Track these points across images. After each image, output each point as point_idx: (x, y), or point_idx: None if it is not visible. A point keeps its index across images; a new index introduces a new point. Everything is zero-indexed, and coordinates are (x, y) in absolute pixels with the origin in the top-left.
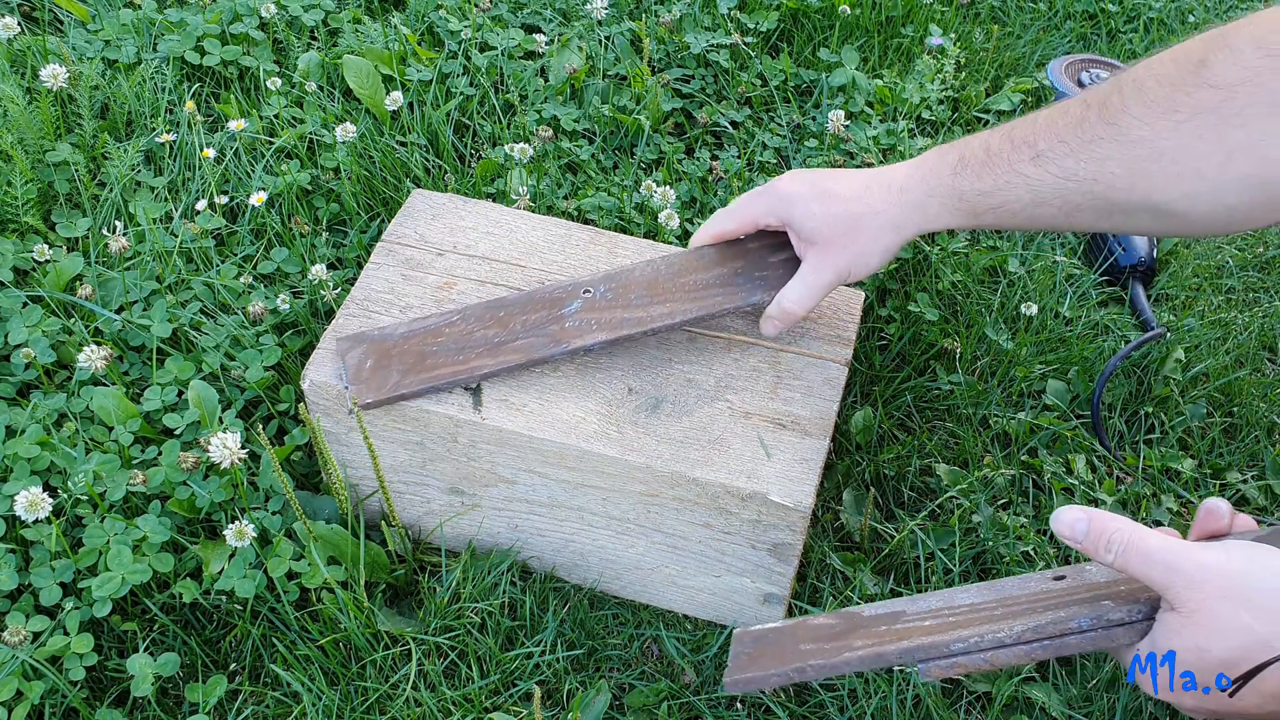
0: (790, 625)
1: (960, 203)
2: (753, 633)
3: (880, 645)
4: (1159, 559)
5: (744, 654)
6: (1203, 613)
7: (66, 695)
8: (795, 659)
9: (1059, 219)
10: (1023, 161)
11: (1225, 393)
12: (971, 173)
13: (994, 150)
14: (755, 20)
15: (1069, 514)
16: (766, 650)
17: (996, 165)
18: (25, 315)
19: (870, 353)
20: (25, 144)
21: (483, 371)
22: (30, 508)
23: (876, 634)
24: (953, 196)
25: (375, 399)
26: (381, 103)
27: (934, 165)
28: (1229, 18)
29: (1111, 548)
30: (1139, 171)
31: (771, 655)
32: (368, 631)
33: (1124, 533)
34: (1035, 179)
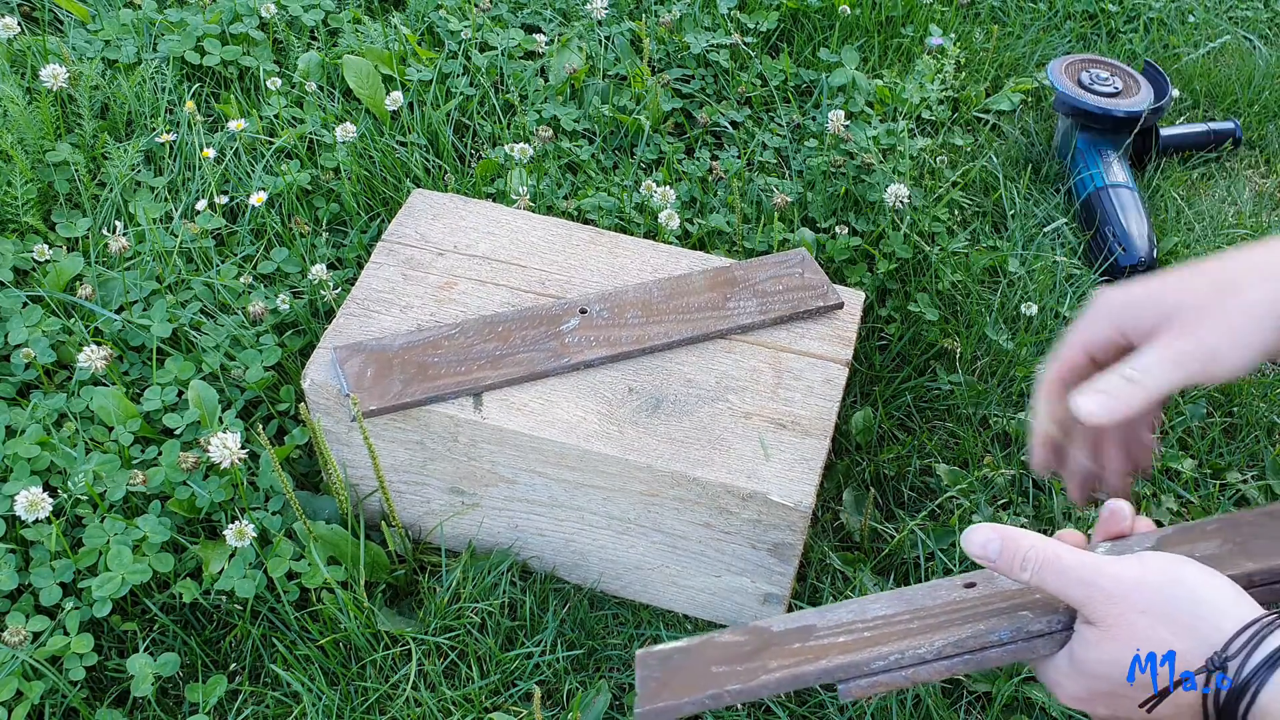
0: (698, 644)
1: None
2: (656, 654)
3: (797, 666)
4: (1075, 575)
5: (652, 679)
6: (1120, 627)
7: (66, 695)
8: (710, 684)
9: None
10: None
11: (1225, 393)
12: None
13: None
14: (755, 20)
15: (979, 534)
16: (676, 674)
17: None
18: (25, 315)
19: (870, 353)
20: (25, 144)
21: (486, 383)
22: (30, 508)
23: (791, 652)
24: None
25: (379, 406)
26: (381, 103)
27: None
28: (1229, 18)
29: (1026, 566)
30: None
31: (683, 680)
32: (368, 631)
33: (1038, 550)
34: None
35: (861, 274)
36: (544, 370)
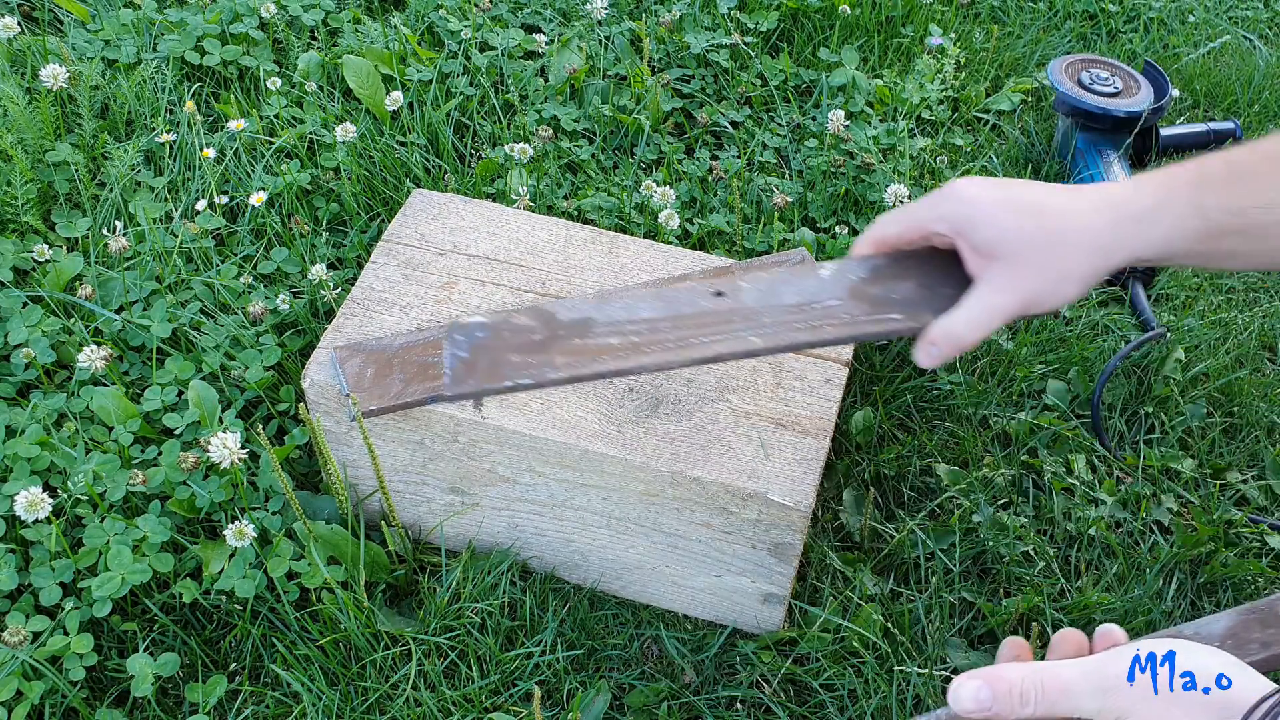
0: (498, 323)
1: (1201, 219)
2: (467, 327)
3: (578, 367)
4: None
5: (459, 358)
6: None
7: (66, 695)
8: (507, 374)
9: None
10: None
11: (1225, 393)
12: (1216, 186)
13: (1239, 163)
14: (755, 20)
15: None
16: (481, 355)
17: (1247, 180)
18: (25, 315)
19: (870, 353)
20: (25, 144)
21: None
22: (30, 508)
23: (573, 349)
24: (1192, 211)
25: (379, 406)
26: (381, 103)
27: (1165, 177)
28: (1229, 18)
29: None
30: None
31: (485, 364)
32: (368, 631)
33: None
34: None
35: None
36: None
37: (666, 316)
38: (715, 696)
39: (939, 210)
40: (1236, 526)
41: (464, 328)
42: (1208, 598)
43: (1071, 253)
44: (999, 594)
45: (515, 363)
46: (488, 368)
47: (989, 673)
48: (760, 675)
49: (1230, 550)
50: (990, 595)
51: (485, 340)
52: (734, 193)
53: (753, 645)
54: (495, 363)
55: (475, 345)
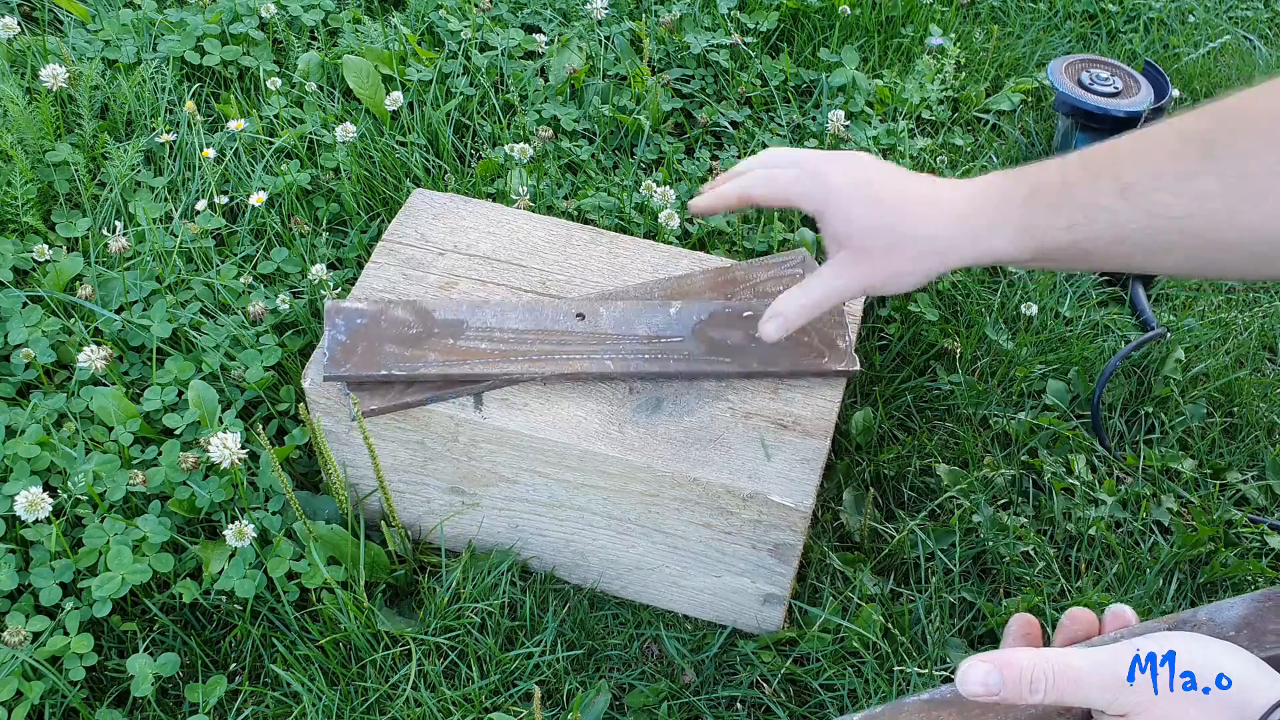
0: (374, 313)
1: (1030, 238)
2: (347, 311)
3: (449, 366)
4: (1094, 681)
5: (339, 342)
6: (1146, 715)
7: (66, 695)
8: (383, 361)
9: (1139, 258)
10: (1107, 194)
11: (1225, 393)
12: (1047, 203)
13: (1071, 180)
14: (755, 20)
15: (975, 671)
16: (359, 340)
17: (1075, 196)
18: (25, 315)
19: (870, 353)
20: (25, 144)
21: (488, 383)
22: (30, 508)
23: (445, 349)
24: (1022, 230)
25: (380, 406)
26: (381, 103)
27: (1002, 193)
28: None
29: (1037, 688)
30: (1244, 208)
31: (363, 352)
32: (368, 631)
33: (1042, 666)
34: (1122, 215)
35: None
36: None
37: (533, 330)
38: (715, 696)
39: (803, 187)
40: (1236, 526)
41: (344, 311)
42: (1208, 598)
43: (910, 253)
44: (999, 594)
45: (391, 353)
46: (364, 354)
47: (1000, 657)
48: (760, 675)
49: (1230, 550)
50: (990, 595)
51: (364, 326)
52: None
53: (753, 645)
54: (372, 350)
55: (354, 330)
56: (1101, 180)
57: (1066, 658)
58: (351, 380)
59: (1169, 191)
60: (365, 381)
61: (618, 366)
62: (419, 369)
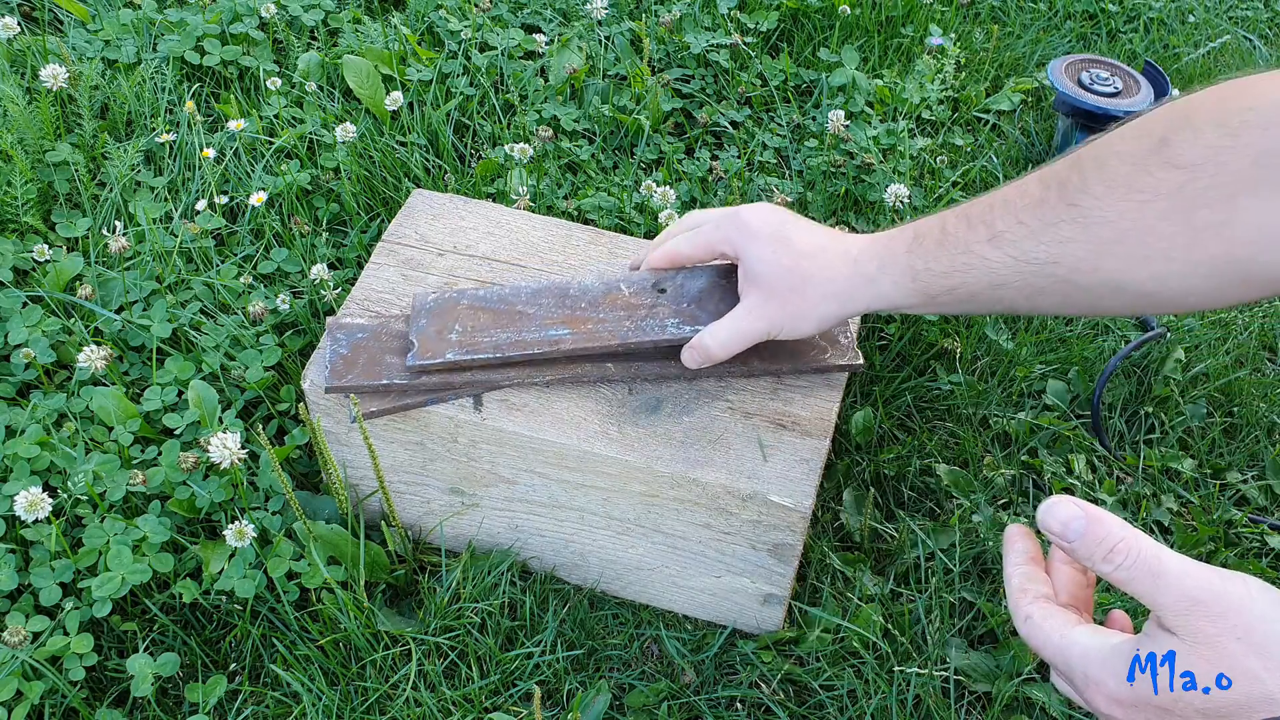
0: (377, 326)
1: (914, 282)
2: (346, 327)
3: (448, 375)
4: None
5: (340, 355)
6: (1210, 647)
7: (66, 695)
8: (383, 372)
9: (1020, 302)
10: (979, 242)
11: (1225, 393)
12: (927, 251)
13: (950, 230)
14: (755, 20)
15: (1063, 509)
16: (360, 353)
17: (952, 245)
18: (25, 315)
19: (870, 353)
20: (25, 144)
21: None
22: (30, 508)
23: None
24: (907, 275)
25: (379, 408)
26: (381, 103)
27: (889, 240)
28: (1229, 18)
29: (1113, 560)
30: (1103, 253)
31: (364, 363)
32: (368, 631)
33: (1132, 546)
34: (994, 261)
35: None
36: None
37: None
38: (715, 697)
39: (725, 233)
40: (1236, 526)
41: (345, 327)
42: None
43: (812, 297)
44: (999, 594)
45: (391, 364)
46: (366, 365)
47: (1094, 513)
48: (760, 675)
49: (1230, 550)
50: (990, 595)
51: (365, 340)
52: (734, 193)
53: (752, 645)
54: (373, 361)
55: (355, 344)
56: (976, 229)
57: (1161, 552)
58: (352, 390)
59: (1034, 239)
60: (365, 390)
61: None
62: (420, 377)
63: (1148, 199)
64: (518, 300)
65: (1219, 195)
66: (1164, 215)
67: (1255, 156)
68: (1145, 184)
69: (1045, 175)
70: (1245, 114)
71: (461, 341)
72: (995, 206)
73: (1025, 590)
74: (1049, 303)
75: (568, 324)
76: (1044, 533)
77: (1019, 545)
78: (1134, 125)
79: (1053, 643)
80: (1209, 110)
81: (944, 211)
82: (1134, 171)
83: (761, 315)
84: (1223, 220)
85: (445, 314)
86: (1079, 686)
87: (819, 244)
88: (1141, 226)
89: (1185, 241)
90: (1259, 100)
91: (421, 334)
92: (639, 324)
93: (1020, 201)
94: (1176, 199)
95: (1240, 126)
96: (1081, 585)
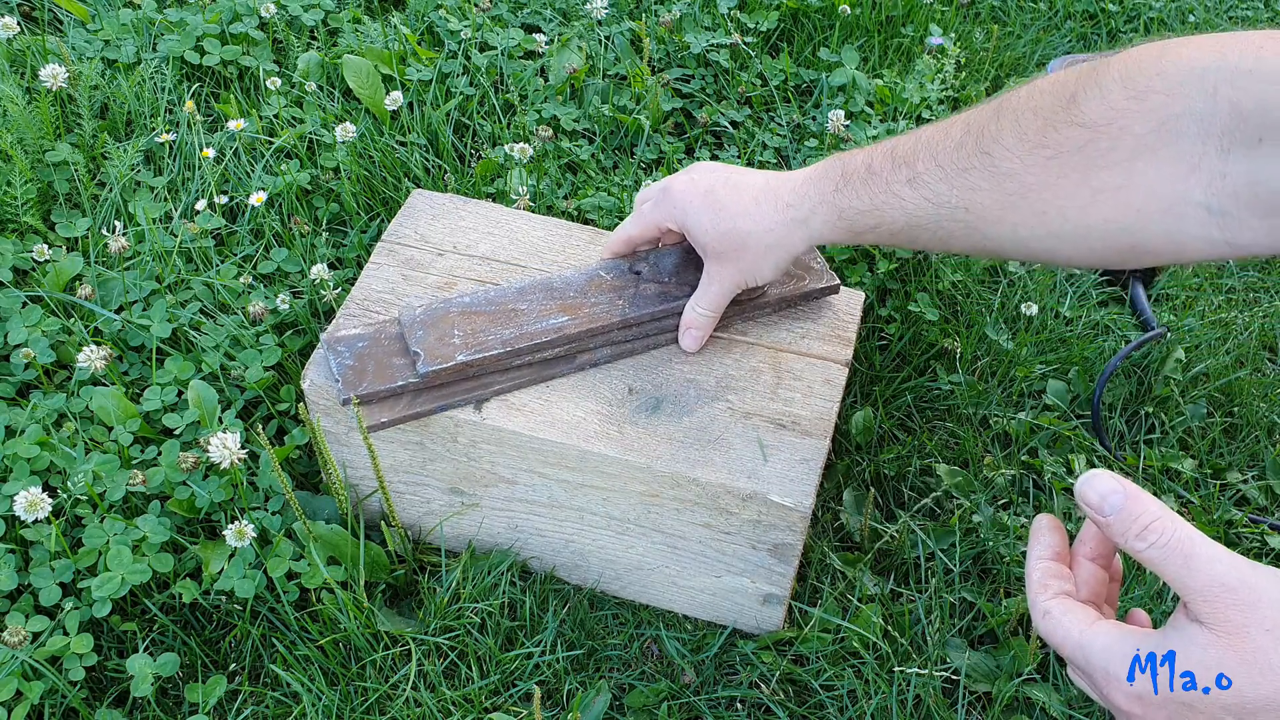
0: (373, 334)
1: (840, 220)
2: (343, 339)
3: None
4: (1208, 573)
5: (348, 367)
6: (1239, 638)
7: (66, 695)
8: (394, 376)
9: (934, 243)
10: (899, 183)
11: (1225, 393)
12: (852, 190)
13: (875, 168)
14: (755, 20)
15: (1103, 483)
16: (366, 361)
17: (875, 184)
18: (25, 315)
19: (870, 353)
20: (25, 144)
21: (495, 387)
22: (30, 508)
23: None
24: (833, 214)
25: (389, 419)
26: (381, 103)
27: (819, 179)
28: (1229, 18)
29: (1147, 538)
30: (1007, 205)
31: (373, 369)
32: (368, 632)
33: (1166, 526)
34: (910, 202)
35: (862, 274)
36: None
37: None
38: (715, 697)
39: (663, 212)
40: (1236, 526)
41: (344, 339)
42: None
43: (756, 249)
44: (999, 594)
45: (400, 365)
46: (376, 370)
47: (1132, 487)
48: (760, 675)
49: None
50: (990, 595)
51: (367, 348)
52: None
53: (752, 645)
54: (382, 366)
55: (359, 353)
56: (899, 169)
57: (1194, 536)
58: (371, 397)
59: (947, 183)
60: (384, 395)
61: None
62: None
63: (1051, 155)
64: (506, 300)
65: (1119, 158)
66: (1064, 173)
67: (1159, 121)
68: (1051, 140)
69: (969, 118)
70: (1152, 79)
71: (468, 344)
72: (919, 147)
73: (1046, 585)
74: (958, 246)
75: (565, 311)
76: (1080, 504)
77: (1045, 539)
78: (1052, 79)
79: (1072, 639)
80: (1118, 71)
81: (874, 146)
82: (1043, 126)
83: (723, 277)
84: (1120, 184)
85: (439, 322)
86: (1098, 683)
87: (751, 198)
88: (1043, 182)
89: (1082, 202)
90: (1168, 65)
91: (423, 344)
92: (632, 300)
93: (941, 144)
94: (1077, 157)
95: (1146, 90)
96: (1103, 582)
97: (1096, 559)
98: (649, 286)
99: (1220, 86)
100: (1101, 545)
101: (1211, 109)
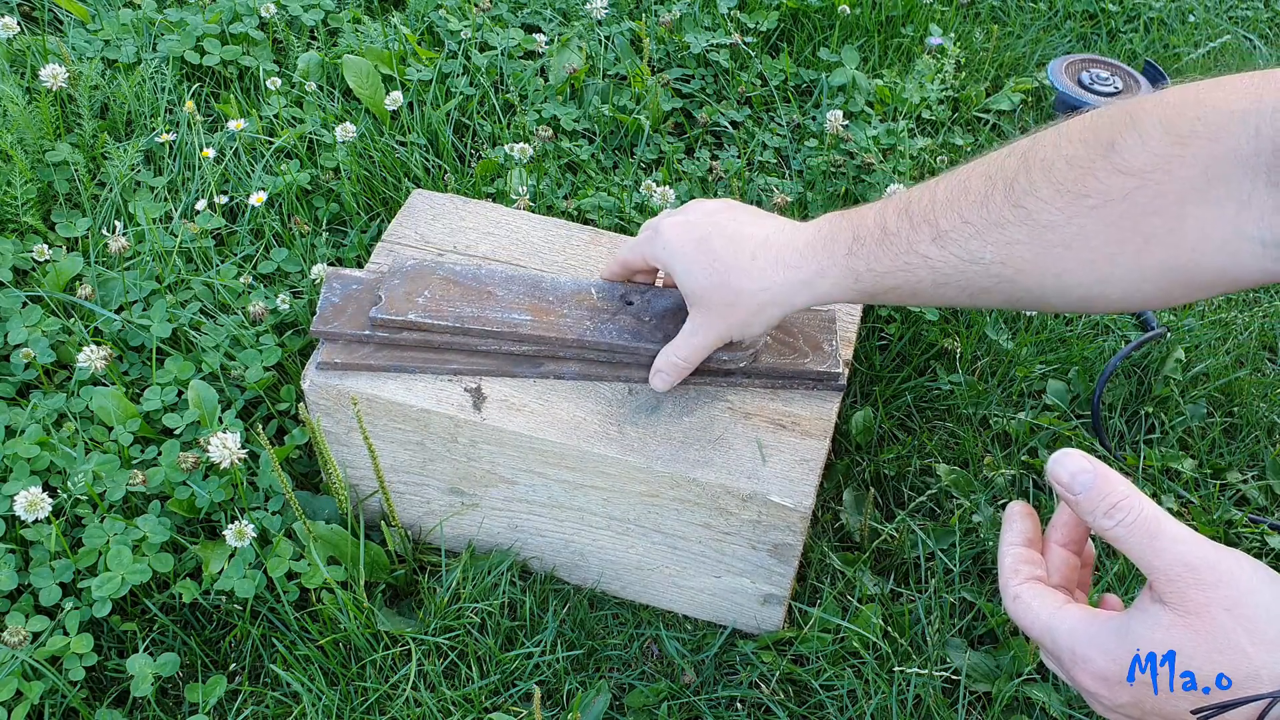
0: (370, 282)
1: (856, 283)
2: (344, 277)
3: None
4: (1172, 552)
5: (331, 303)
6: (1199, 617)
7: (66, 695)
8: (366, 324)
9: (963, 299)
10: (923, 242)
11: (1225, 393)
12: (868, 252)
13: (891, 229)
14: (755, 20)
15: (1074, 461)
16: (350, 303)
17: (895, 245)
18: (25, 315)
19: (870, 353)
20: (25, 144)
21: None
22: (30, 508)
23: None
24: (848, 277)
25: (343, 361)
26: (381, 103)
27: (827, 240)
28: (1229, 18)
29: (1114, 516)
30: (1050, 257)
31: (351, 313)
32: (368, 631)
33: (1133, 505)
34: (938, 260)
35: None
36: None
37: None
38: (715, 697)
39: (651, 250)
40: (1236, 526)
41: (343, 277)
42: None
43: (749, 305)
44: (999, 595)
45: None
46: (353, 314)
47: (1103, 467)
48: (760, 675)
49: None
50: (990, 595)
51: (358, 292)
52: (734, 192)
53: (752, 645)
54: (360, 312)
55: (348, 294)
56: (920, 228)
57: (1160, 516)
58: (333, 336)
59: (979, 239)
60: (343, 338)
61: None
62: (400, 331)
63: (1096, 204)
64: (491, 281)
65: (1167, 203)
66: (1112, 221)
67: (1204, 165)
68: (1093, 188)
69: (989, 170)
70: (1194, 123)
71: (426, 307)
72: (938, 203)
73: (1017, 571)
74: (992, 301)
75: (531, 311)
76: (1051, 481)
77: (1017, 525)
78: (1080, 126)
79: (1040, 621)
80: (1157, 117)
81: (880, 204)
82: (1082, 176)
83: (707, 330)
84: (1171, 227)
85: (419, 279)
86: (1065, 665)
87: (749, 254)
88: (1088, 231)
89: (1134, 248)
90: (1208, 111)
91: (391, 291)
92: (598, 326)
93: (965, 199)
94: (1124, 205)
95: (1190, 135)
96: (1074, 567)
97: (1068, 544)
98: (628, 320)
99: (1262, 126)
100: (1073, 531)
101: (1255, 148)
